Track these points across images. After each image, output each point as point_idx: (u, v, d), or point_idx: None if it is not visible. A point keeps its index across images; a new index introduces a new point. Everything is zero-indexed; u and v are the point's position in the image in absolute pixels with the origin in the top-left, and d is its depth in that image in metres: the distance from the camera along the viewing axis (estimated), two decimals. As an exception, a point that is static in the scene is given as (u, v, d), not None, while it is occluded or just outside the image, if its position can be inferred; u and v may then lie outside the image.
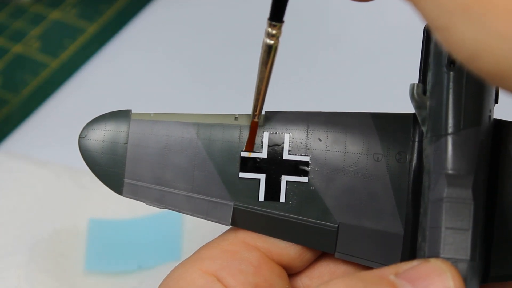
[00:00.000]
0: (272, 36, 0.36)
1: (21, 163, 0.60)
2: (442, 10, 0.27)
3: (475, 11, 0.26)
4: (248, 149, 0.40)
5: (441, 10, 0.27)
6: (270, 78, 0.38)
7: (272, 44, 0.36)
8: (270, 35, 0.36)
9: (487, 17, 0.26)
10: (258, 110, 0.39)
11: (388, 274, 0.35)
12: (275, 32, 0.36)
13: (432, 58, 0.38)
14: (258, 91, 0.38)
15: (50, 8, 0.75)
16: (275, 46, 0.36)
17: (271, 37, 0.36)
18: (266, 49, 0.36)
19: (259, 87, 0.38)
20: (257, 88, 0.38)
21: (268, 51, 0.36)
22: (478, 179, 0.36)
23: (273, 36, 0.36)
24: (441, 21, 0.27)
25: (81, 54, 0.72)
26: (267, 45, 0.36)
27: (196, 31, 0.73)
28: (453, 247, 0.35)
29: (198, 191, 0.40)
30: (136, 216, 0.58)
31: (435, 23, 0.28)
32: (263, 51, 0.36)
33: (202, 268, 0.39)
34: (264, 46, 0.36)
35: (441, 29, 0.27)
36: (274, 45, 0.36)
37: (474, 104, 0.36)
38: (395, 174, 0.39)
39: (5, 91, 0.69)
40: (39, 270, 0.54)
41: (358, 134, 0.40)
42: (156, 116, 0.40)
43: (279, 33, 0.36)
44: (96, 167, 0.40)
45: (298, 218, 0.40)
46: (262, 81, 0.38)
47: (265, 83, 0.38)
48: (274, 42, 0.36)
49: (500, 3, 0.26)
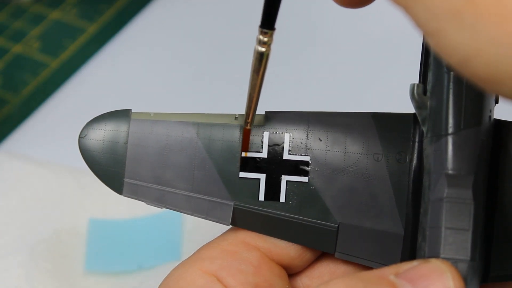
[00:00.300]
0: (263, 43, 0.35)
1: (21, 163, 0.60)
2: (432, 14, 0.27)
3: (465, 16, 0.26)
4: (244, 147, 0.40)
5: (431, 14, 0.27)
6: (262, 85, 0.37)
7: (263, 51, 0.35)
8: (262, 43, 0.35)
9: (478, 22, 0.26)
10: (251, 117, 0.39)
11: (388, 274, 0.35)
12: (266, 39, 0.35)
13: (433, 58, 0.38)
14: (250, 99, 0.38)
15: (50, 8, 0.75)
16: (266, 54, 0.35)
17: (262, 44, 0.35)
18: (258, 57, 0.36)
19: (251, 94, 0.37)
20: (249, 95, 0.38)
21: (259, 58, 0.36)
22: (478, 179, 0.36)
23: (264, 43, 0.35)
24: (431, 26, 0.27)
25: (81, 54, 0.72)
26: (258, 52, 0.35)
27: (196, 31, 0.73)
28: (453, 247, 0.35)
29: (198, 191, 0.40)
30: (136, 216, 0.58)
31: (426, 28, 0.27)
32: (255, 58, 0.36)
33: (202, 268, 0.39)
34: (256, 54, 0.36)
35: (431, 33, 0.27)
36: (265, 53, 0.35)
37: (474, 104, 0.36)
38: (395, 174, 0.39)
39: (5, 91, 0.69)
40: (39, 270, 0.54)
41: (358, 134, 0.40)
42: (156, 115, 0.40)
43: (270, 41, 0.35)
44: (96, 166, 0.40)
45: (298, 218, 0.40)
46: (254, 88, 0.37)
47: (257, 90, 0.37)
48: (266, 50, 0.35)
49: (491, 8, 0.26)
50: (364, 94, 0.67)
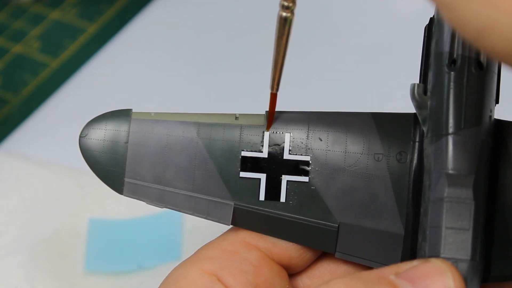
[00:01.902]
0: (286, 8, 0.35)
1: (21, 163, 0.60)
2: None
3: None
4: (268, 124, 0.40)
5: None
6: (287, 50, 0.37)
7: (287, 17, 0.35)
8: (285, 7, 0.35)
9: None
10: (276, 81, 0.38)
11: (388, 274, 0.35)
12: (289, 4, 0.35)
13: (433, 57, 0.38)
14: (276, 64, 0.37)
15: (50, 8, 0.75)
16: (290, 20, 0.35)
17: (285, 9, 0.35)
18: (282, 22, 0.36)
19: (277, 59, 0.37)
20: (275, 61, 0.37)
21: (283, 23, 0.36)
22: (478, 179, 0.36)
23: (287, 8, 0.35)
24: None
25: (81, 54, 0.72)
26: (282, 18, 0.35)
27: (196, 31, 0.73)
28: (453, 247, 0.35)
29: (198, 191, 0.40)
30: (136, 216, 0.58)
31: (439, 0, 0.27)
32: (279, 24, 0.36)
33: (202, 268, 0.38)
34: (279, 19, 0.36)
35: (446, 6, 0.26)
36: (289, 18, 0.35)
37: (474, 104, 0.36)
38: (395, 174, 0.39)
39: (5, 91, 0.69)
40: (39, 270, 0.54)
41: (359, 134, 0.40)
42: (157, 115, 0.40)
43: (293, 6, 0.35)
44: (96, 166, 0.40)
45: (298, 218, 0.40)
46: (279, 53, 0.37)
47: (282, 54, 0.37)
48: (289, 15, 0.35)
49: None
50: (365, 94, 0.67)
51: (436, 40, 0.38)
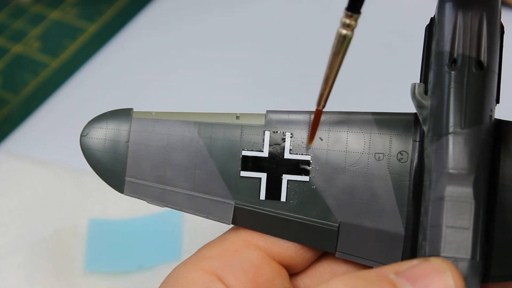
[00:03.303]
0: (347, 26, 0.36)
1: (21, 163, 0.60)
2: None
3: None
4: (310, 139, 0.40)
5: None
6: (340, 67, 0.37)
7: (347, 34, 0.36)
8: (346, 25, 0.36)
9: None
10: (325, 98, 0.39)
11: (388, 273, 0.35)
12: (351, 23, 0.35)
13: (433, 57, 0.38)
14: (327, 80, 0.38)
15: (50, 8, 0.76)
16: (349, 37, 0.36)
17: (346, 27, 0.36)
18: (340, 39, 0.36)
19: (329, 76, 0.37)
20: (326, 76, 0.38)
21: (342, 41, 0.36)
22: (479, 178, 0.36)
23: (348, 26, 0.36)
24: None
25: (81, 54, 0.72)
26: (341, 35, 0.36)
27: (196, 30, 0.73)
28: (453, 246, 0.35)
29: (199, 190, 0.40)
30: (136, 216, 0.58)
31: None
32: (337, 41, 0.36)
33: (203, 268, 0.39)
34: (338, 36, 0.36)
35: None
36: (348, 36, 0.36)
37: (475, 104, 0.36)
38: (396, 173, 0.39)
39: (5, 91, 0.69)
40: (39, 270, 0.54)
41: (360, 134, 0.40)
42: (158, 114, 0.40)
43: (354, 25, 0.36)
44: (97, 165, 0.40)
45: (299, 217, 0.40)
46: (332, 70, 0.37)
47: (335, 72, 0.37)
48: (349, 33, 0.36)
49: None
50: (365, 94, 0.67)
51: (436, 40, 0.38)
